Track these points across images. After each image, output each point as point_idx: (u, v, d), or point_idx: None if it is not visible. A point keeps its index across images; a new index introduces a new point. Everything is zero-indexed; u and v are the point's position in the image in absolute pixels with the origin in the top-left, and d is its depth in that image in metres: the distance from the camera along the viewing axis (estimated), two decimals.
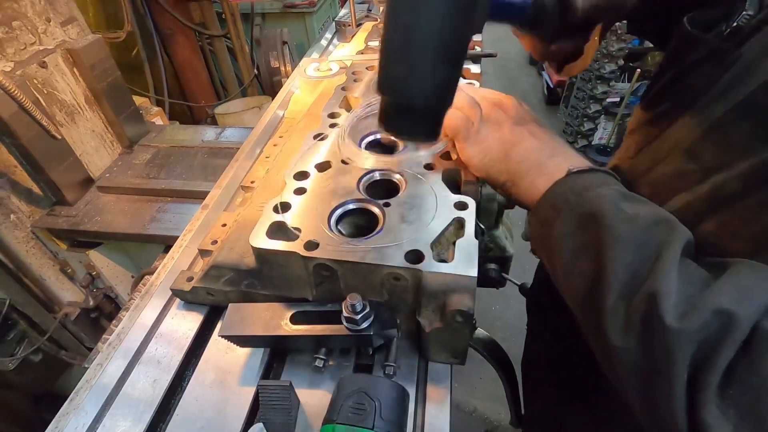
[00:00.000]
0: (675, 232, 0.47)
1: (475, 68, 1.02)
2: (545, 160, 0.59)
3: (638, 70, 3.35)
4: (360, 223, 0.69)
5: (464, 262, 0.57)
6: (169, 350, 0.71)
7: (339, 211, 0.67)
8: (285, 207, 0.66)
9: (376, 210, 0.67)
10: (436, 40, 0.38)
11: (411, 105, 0.45)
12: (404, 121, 0.47)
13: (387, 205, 0.66)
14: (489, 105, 0.67)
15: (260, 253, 0.63)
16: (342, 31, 1.64)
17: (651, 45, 0.84)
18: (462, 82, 0.97)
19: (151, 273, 0.91)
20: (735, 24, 0.58)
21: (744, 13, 0.57)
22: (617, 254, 0.47)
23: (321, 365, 0.63)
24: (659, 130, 0.66)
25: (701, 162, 0.57)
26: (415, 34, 0.38)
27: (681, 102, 0.63)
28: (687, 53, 0.63)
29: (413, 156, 0.74)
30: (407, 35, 0.38)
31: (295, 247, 0.60)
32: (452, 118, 0.65)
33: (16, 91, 1.19)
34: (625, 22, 0.81)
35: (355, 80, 1.01)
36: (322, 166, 0.75)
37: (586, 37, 0.72)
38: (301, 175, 0.73)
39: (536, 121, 0.65)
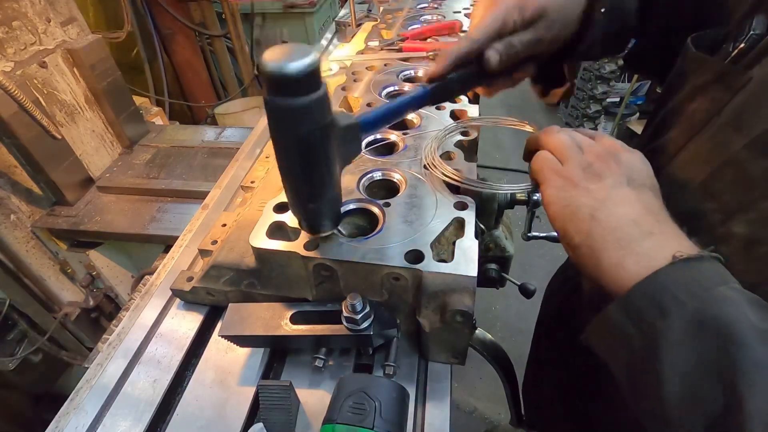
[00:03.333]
0: None
1: None
2: (640, 237, 0.47)
3: None
4: (360, 223, 0.69)
5: (464, 262, 0.57)
6: (169, 350, 0.71)
7: None
8: (285, 207, 0.66)
9: (376, 210, 0.67)
10: (303, 192, 0.55)
11: (308, 222, 0.60)
12: (309, 228, 0.60)
13: (387, 205, 0.66)
14: (599, 153, 0.55)
15: (260, 253, 0.63)
16: (342, 31, 1.65)
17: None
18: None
19: (151, 273, 0.91)
20: (742, 45, 0.56)
21: (751, 33, 0.55)
22: (761, 385, 0.37)
23: (321, 365, 0.63)
24: (666, 158, 0.65)
25: (720, 201, 0.54)
26: (290, 188, 0.55)
27: (688, 128, 0.61)
28: (692, 76, 0.61)
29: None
30: (288, 187, 0.55)
31: (295, 247, 0.60)
32: (538, 158, 0.58)
33: (16, 91, 1.19)
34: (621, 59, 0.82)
35: (355, 80, 1.01)
36: None
37: (527, 74, 0.75)
38: None
39: (653, 189, 0.53)
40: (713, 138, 0.57)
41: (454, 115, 0.85)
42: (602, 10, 0.68)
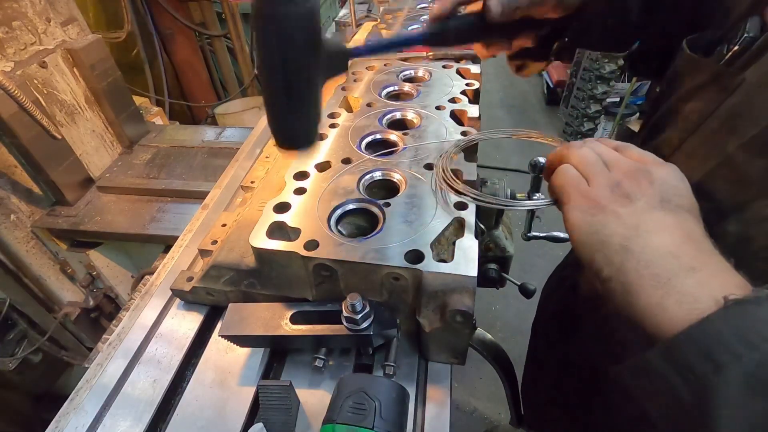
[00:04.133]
0: None
1: (475, 68, 1.02)
2: (681, 273, 0.42)
3: None
4: (360, 223, 0.69)
5: (464, 262, 0.57)
6: (169, 350, 0.71)
7: (339, 211, 0.67)
8: (285, 207, 0.66)
9: (376, 210, 0.67)
10: (280, 98, 0.54)
11: (282, 132, 0.58)
12: (282, 141, 0.59)
13: (387, 205, 0.66)
14: (628, 169, 0.50)
15: (260, 253, 0.63)
16: (342, 31, 1.65)
17: None
18: (465, 79, 0.97)
19: (151, 273, 0.91)
20: (736, 47, 0.56)
21: (745, 35, 0.55)
22: None
23: (321, 365, 0.63)
24: (662, 158, 0.65)
25: (715, 202, 0.54)
26: (268, 93, 0.54)
27: (683, 128, 0.62)
28: (688, 77, 0.62)
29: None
30: (266, 93, 0.55)
31: (295, 247, 0.60)
32: (559, 174, 0.53)
33: (16, 91, 1.19)
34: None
35: (355, 80, 1.01)
36: (322, 166, 0.75)
37: (526, 37, 0.75)
38: (301, 175, 0.73)
39: (691, 211, 0.48)
40: (708, 138, 0.58)
41: (454, 115, 0.85)
42: None
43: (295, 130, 0.57)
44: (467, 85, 0.95)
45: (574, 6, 0.70)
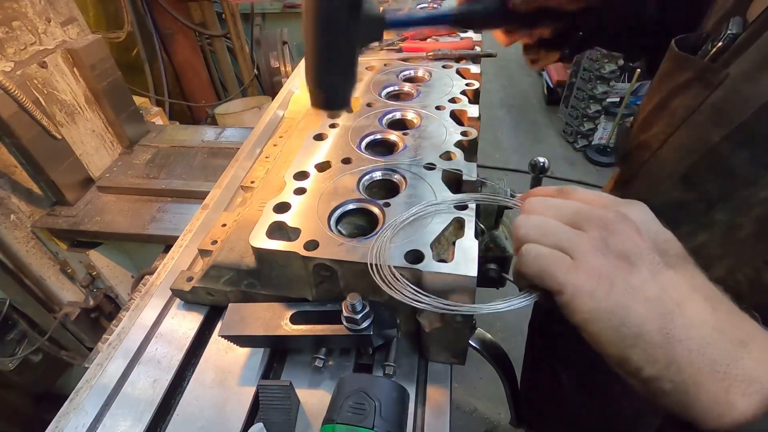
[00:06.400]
0: None
1: (474, 68, 1.02)
2: (735, 353, 0.35)
3: (638, 70, 3.35)
4: (360, 223, 0.69)
5: (464, 262, 0.57)
6: (169, 350, 0.71)
7: (339, 211, 0.67)
8: (285, 207, 0.67)
9: (376, 210, 0.67)
10: (321, 56, 0.59)
11: (320, 90, 0.62)
12: (319, 100, 0.63)
13: (387, 205, 0.66)
14: (601, 220, 0.41)
15: (260, 253, 0.63)
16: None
17: None
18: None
19: (151, 273, 0.91)
20: (720, 43, 0.58)
21: (728, 32, 0.57)
22: None
23: (321, 365, 0.63)
24: (650, 152, 0.67)
25: (702, 191, 0.56)
26: (310, 53, 0.59)
27: (670, 123, 0.64)
28: (675, 75, 0.64)
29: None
30: (308, 52, 0.59)
31: (295, 247, 0.60)
32: (527, 260, 0.43)
33: (16, 91, 1.19)
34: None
35: None
36: (322, 166, 0.75)
37: (548, 26, 0.77)
38: (301, 175, 0.73)
39: (687, 259, 0.41)
40: (694, 132, 0.59)
41: (454, 115, 0.85)
42: None
43: (332, 89, 0.62)
44: (467, 85, 0.95)
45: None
